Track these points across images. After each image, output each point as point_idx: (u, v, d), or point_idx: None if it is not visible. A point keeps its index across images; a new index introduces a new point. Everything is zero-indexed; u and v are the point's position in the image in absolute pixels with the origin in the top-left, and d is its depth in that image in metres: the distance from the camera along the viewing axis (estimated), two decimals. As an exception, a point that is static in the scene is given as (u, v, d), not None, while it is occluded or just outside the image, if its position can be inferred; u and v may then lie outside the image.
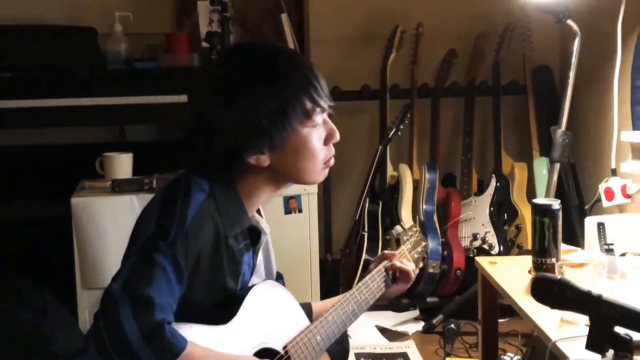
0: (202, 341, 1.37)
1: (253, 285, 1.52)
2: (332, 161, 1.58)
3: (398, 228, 1.95)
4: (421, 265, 1.91)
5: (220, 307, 1.46)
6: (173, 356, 1.28)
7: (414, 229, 1.92)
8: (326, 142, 1.55)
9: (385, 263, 1.80)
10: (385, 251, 1.85)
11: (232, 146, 1.46)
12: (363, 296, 1.71)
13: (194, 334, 1.35)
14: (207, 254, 1.41)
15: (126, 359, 1.26)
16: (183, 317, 1.37)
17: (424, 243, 1.92)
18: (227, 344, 1.41)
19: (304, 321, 1.60)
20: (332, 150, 1.57)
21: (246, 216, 1.52)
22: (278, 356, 1.50)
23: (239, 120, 1.45)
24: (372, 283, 1.75)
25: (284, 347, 1.52)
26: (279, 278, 1.73)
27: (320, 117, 1.53)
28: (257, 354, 1.47)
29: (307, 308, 1.75)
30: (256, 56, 1.54)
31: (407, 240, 1.88)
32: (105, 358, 1.26)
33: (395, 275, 1.80)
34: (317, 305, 1.78)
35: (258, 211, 1.63)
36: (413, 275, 1.81)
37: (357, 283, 1.74)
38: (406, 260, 1.83)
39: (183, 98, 3.05)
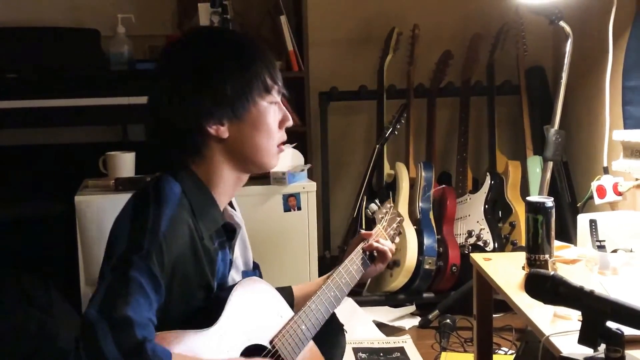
0: (189, 347, 1.34)
1: (234, 285, 1.50)
2: (284, 147, 1.59)
3: (373, 206, 1.94)
4: (397, 240, 1.91)
5: (204, 310, 1.44)
6: None
7: (388, 206, 1.92)
8: (280, 125, 1.56)
9: (362, 244, 1.80)
10: (362, 231, 1.85)
11: (194, 113, 1.46)
12: (344, 280, 1.71)
13: (180, 341, 1.32)
14: (184, 260, 1.39)
15: None
16: (166, 324, 1.34)
17: (398, 219, 1.92)
18: (215, 347, 1.39)
19: (288, 312, 1.59)
20: (285, 135, 1.58)
21: (219, 213, 1.51)
22: (265, 351, 1.49)
23: (203, 87, 1.46)
24: (352, 266, 1.75)
25: (271, 342, 1.51)
26: (256, 268, 1.72)
27: (278, 96, 1.55)
28: (245, 352, 1.45)
29: (288, 292, 1.75)
30: (223, 36, 1.59)
31: (383, 218, 1.88)
32: None
33: (373, 255, 1.80)
34: (298, 289, 1.78)
35: (231, 205, 1.62)
36: (390, 254, 1.82)
37: (337, 267, 1.74)
38: (383, 239, 1.83)
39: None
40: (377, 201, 1.82)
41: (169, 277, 1.36)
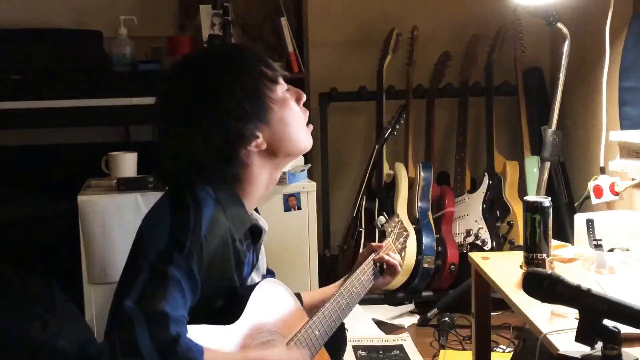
0: (212, 341, 1.35)
1: (256, 284, 1.51)
2: (306, 119, 1.58)
3: (382, 219, 1.95)
4: (403, 254, 1.92)
5: (226, 306, 1.45)
6: None
7: (397, 220, 1.93)
8: (298, 103, 1.56)
9: (373, 255, 1.81)
10: (373, 243, 1.85)
11: (230, 144, 1.45)
12: (355, 289, 1.72)
13: (204, 334, 1.34)
14: (218, 260, 1.40)
15: None
16: (191, 318, 1.35)
17: (405, 234, 1.93)
18: (235, 343, 1.40)
19: (303, 316, 1.60)
20: (307, 111, 1.58)
21: (247, 216, 1.52)
22: None
23: (224, 118, 1.44)
24: (363, 276, 1.76)
25: (287, 344, 1.52)
26: (270, 273, 1.73)
27: (283, 82, 1.54)
28: None
29: (297, 298, 1.76)
30: (206, 58, 1.54)
31: (392, 231, 1.89)
32: None
33: (383, 267, 1.81)
34: (306, 295, 1.79)
35: (256, 210, 1.62)
36: (399, 268, 1.82)
37: (349, 276, 1.75)
38: (392, 252, 1.84)
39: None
40: (384, 214, 1.83)
41: (205, 275, 1.37)
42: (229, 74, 1.47)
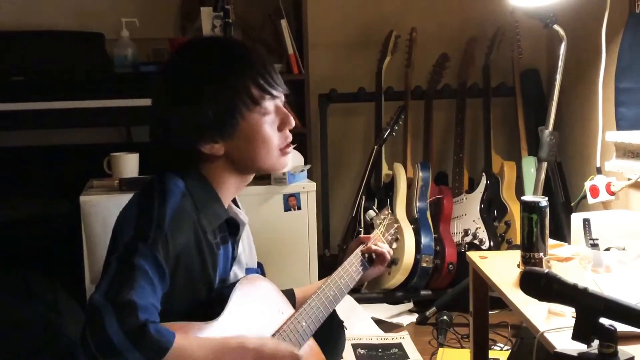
0: (193, 337, 1.34)
1: (237, 281, 1.51)
2: (289, 148, 1.55)
3: (371, 212, 1.96)
4: (395, 246, 1.92)
5: (206, 304, 1.45)
6: (162, 352, 1.25)
7: (386, 212, 1.94)
8: (280, 128, 1.53)
9: (361, 247, 1.82)
10: (361, 235, 1.87)
11: (186, 139, 1.46)
12: (343, 280, 1.73)
13: (184, 332, 1.33)
14: (187, 253, 1.40)
15: None
16: (171, 316, 1.35)
17: (396, 225, 1.94)
18: (218, 337, 1.39)
19: (289, 309, 1.60)
20: (289, 136, 1.55)
21: (223, 209, 1.51)
22: None
23: (188, 113, 1.45)
24: (351, 267, 1.77)
25: (272, 336, 1.52)
26: (259, 267, 1.73)
27: (270, 104, 1.51)
28: None
29: (290, 294, 1.76)
30: (201, 51, 1.53)
31: (380, 223, 1.91)
32: None
33: (372, 257, 1.81)
34: (300, 291, 1.79)
35: (235, 202, 1.62)
36: (388, 256, 1.83)
37: (337, 268, 1.75)
38: (380, 242, 1.84)
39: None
40: (375, 208, 1.83)
41: (173, 267, 1.36)
42: (213, 82, 1.46)
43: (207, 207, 1.47)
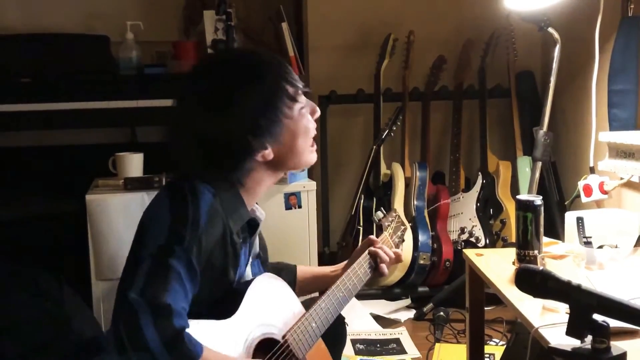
0: (209, 336, 1.35)
1: (251, 280, 1.51)
2: (314, 136, 1.58)
3: (379, 214, 1.95)
4: (401, 248, 1.92)
5: (223, 301, 1.45)
6: None
7: (394, 214, 1.94)
8: (311, 115, 1.57)
9: (370, 249, 1.81)
10: (371, 237, 1.86)
11: (238, 151, 1.45)
12: (352, 282, 1.72)
13: (201, 328, 1.33)
14: (216, 252, 1.40)
15: None
16: (189, 311, 1.35)
17: (403, 227, 1.94)
18: (232, 337, 1.40)
19: (300, 309, 1.60)
20: (315, 125, 1.58)
21: (246, 210, 1.52)
22: (278, 345, 1.50)
23: (235, 127, 1.44)
24: (360, 269, 1.76)
25: (284, 336, 1.52)
26: (259, 257, 1.74)
27: (302, 97, 1.54)
28: (259, 344, 1.46)
29: (291, 270, 1.80)
30: (231, 63, 1.52)
31: (389, 225, 1.90)
32: None
33: (377, 261, 1.81)
34: (302, 270, 1.83)
35: None
36: (389, 262, 1.82)
37: (346, 269, 1.75)
38: (387, 246, 1.84)
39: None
40: (382, 209, 1.84)
41: (204, 267, 1.37)
42: (251, 86, 1.46)
43: (232, 208, 1.47)
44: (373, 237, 1.85)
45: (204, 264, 1.36)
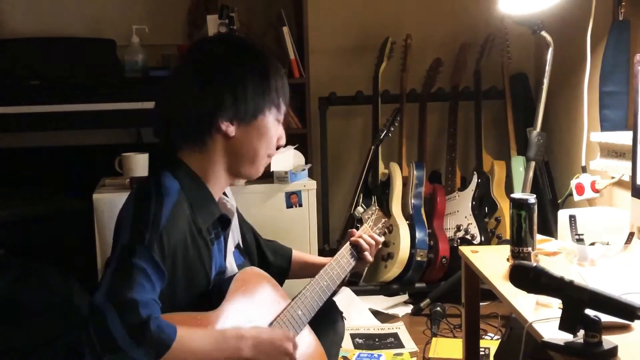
0: (192, 327, 1.34)
1: (234, 275, 1.51)
2: (268, 160, 1.60)
3: (359, 209, 1.99)
4: (383, 239, 1.94)
5: (206, 296, 1.45)
6: (165, 348, 1.24)
7: (373, 209, 1.97)
8: (277, 140, 1.59)
9: (351, 239, 1.85)
10: (350, 230, 1.89)
11: (214, 106, 1.47)
12: (335, 271, 1.75)
13: (183, 322, 1.32)
14: (183, 249, 1.40)
15: None
16: (174, 310, 1.34)
17: (384, 220, 1.97)
18: (217, 328, 1.39)
19: (285, 299, 1.61)
20: (275, 151, 1.60)
21: (215, 206, 1.52)
22: None
23: (226, 84, 1.47)
24: (342, 259, 1.80)
25: (270, 324, 1.52)
26: (257, 240, 1.77)
27: (281, 117, 1.58)
28: None
29: (287, 255, 1.82)
30: (250, 45, 1.57)
31: (369, 218, 1.94)
32: None
33: (359, 250, 1.84)
34: (297, 256, 1.86)
35: (224, 192, 1.63)
36: (372, 249, 1.85)
37: (331, 260, 1.79)
38: (368, 235, 1.87)
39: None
40: (362, 205, 1.85)
41: (171, 264, 1.36)
42: (258, 68, 1.51)
43: (201, 206, 1.47)
44: (353, 229, 1.89)
45: (171, 260, 1.36)
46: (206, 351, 1.31)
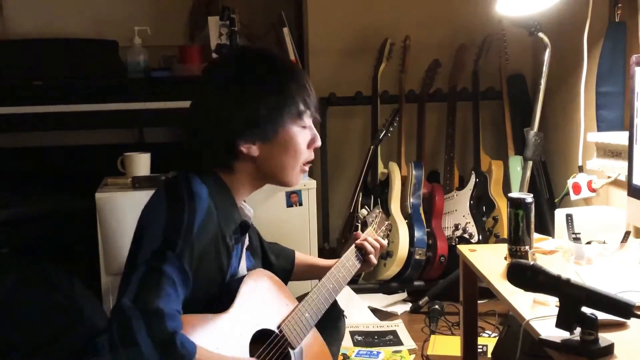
0: (204, 329, 1.34)
1: (244, 276, 1.51)
2: (307, 167, 1.57)
3: (363, 212, 1.98)
4: (386, 241, 1.94)
5: (218, 298, 1.45)
6: None
7: (377, 211, 1.96)
8: (309, 145, 1.56)
9: (356, 242, 1.83)
10: (356, 232, 1.88)
11: (229, 132, 1.45)
12: (340, 274, 1.74)
13: (196, 323, 1.33)
14: (208, 255, 1.39)
15: None
16: (184, 310, 1.34)
17: (387, 222, 1.97)
18: (228, 330, 1.40)
19: (292, 301, 1.60)
20: (312, 155, 1.57)
21: (237, 213, 1.51)
22: (273, 335, 1.50)
23: (238, 108, 1.45)
24: (348, 262, 1.78)
25: (278, 327, 1.52)
26: (262, 245, 1.76)
27: (309, 120, 1.54)
28: (255, 336, 1.45)
29: (290, 258, 1.81)
30: (262, 58, 1.53)
31: (373, 221, 1.92)
32: None
33: (363, 253, 1.83)
34: (300, 257, 1.84)
35: None
36: (376, 252, 1.84)
37: (336, 262, 1.77)
38: (373, 238, 1.86)
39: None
40: (366, 207, 1.84)
41: (195, 270, 1.36)
42: (269, 84, 1.47)
43: (225, 212, 1.46)
44: (358, 232, 1.88)
45: (195, 267, 1.35)
46: None
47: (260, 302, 1.50)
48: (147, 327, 1.21)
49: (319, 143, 1.57)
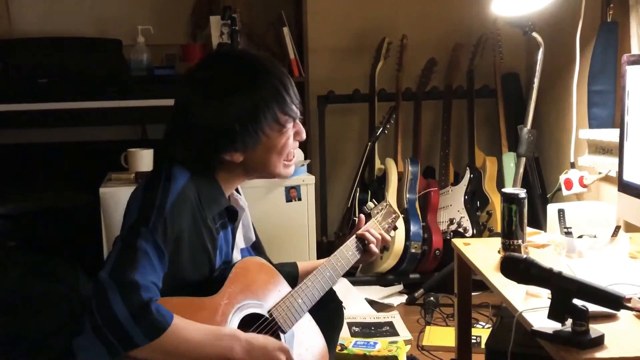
0: (192, 310, 1.34)
1: (236, 262, 1.50)
2: (291, 155, 1.55)
3: (370, 204, 1.94)
4: (392, 234, 1.91)
5: (208, 282, 1.45)
6: (160, 331, 1.25)
7: (385, 204, 1.91)
8: (294, 138, 1.55)
9: (357, 232, 1.80)
10: (360, 216, 1.84)
11: (209, 146, 1.45)
12: (339, 263, 1.71)
13: (184, 305, 1.33)
14: (187, 235, 1.40)
15: (119, 336, 1.23)
16: (174, 292, 1.35)
17: (394, 215, 1.91)
18: (216, 311, 1.39)
19: (285, 288, 1.59)
20: (296, 145, 1.56)
21: (224, 198, 1.51)
22: (263, 319, 1.49)
23: (214, 124, 1.44)
24: (347, 251, 1.75)
25: (269, 311, 1.51)
26: (255, 243, 1.72)
27: (290, 123, 1.51)
28: (244, 320, 1.45)
29: (293, 266, 1.77)
30: (231, 64, 1.49)
31: (378, 213, 1.88)
32: (100, 337, 1.24)
33: (365, 243, 1.79)
34: (302, 265, 1.79)
35: (237, 190, 1.61)
36: (378, 244, 1.79)
37: (335, 252, 1.74)
38: (375, 230, 1.82)
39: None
40: (374, 200, 1.83)
41: (173, 249, 1.36)
42: (244, 91, 1.44)
43: (208, 195, 1.46)
44: (361, 215, 1.84)
45: (173, 245, 1.36)
46: (198, 343, 1.31)
47: (251, 287, 1.49)
48: (122, 297, 1.24)
49: (303, 136, 1.55)
